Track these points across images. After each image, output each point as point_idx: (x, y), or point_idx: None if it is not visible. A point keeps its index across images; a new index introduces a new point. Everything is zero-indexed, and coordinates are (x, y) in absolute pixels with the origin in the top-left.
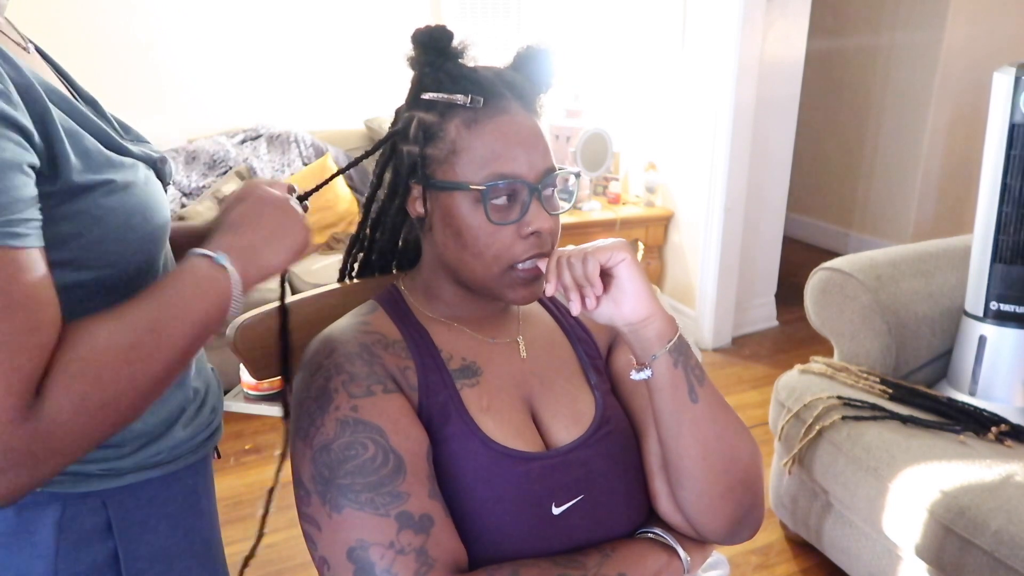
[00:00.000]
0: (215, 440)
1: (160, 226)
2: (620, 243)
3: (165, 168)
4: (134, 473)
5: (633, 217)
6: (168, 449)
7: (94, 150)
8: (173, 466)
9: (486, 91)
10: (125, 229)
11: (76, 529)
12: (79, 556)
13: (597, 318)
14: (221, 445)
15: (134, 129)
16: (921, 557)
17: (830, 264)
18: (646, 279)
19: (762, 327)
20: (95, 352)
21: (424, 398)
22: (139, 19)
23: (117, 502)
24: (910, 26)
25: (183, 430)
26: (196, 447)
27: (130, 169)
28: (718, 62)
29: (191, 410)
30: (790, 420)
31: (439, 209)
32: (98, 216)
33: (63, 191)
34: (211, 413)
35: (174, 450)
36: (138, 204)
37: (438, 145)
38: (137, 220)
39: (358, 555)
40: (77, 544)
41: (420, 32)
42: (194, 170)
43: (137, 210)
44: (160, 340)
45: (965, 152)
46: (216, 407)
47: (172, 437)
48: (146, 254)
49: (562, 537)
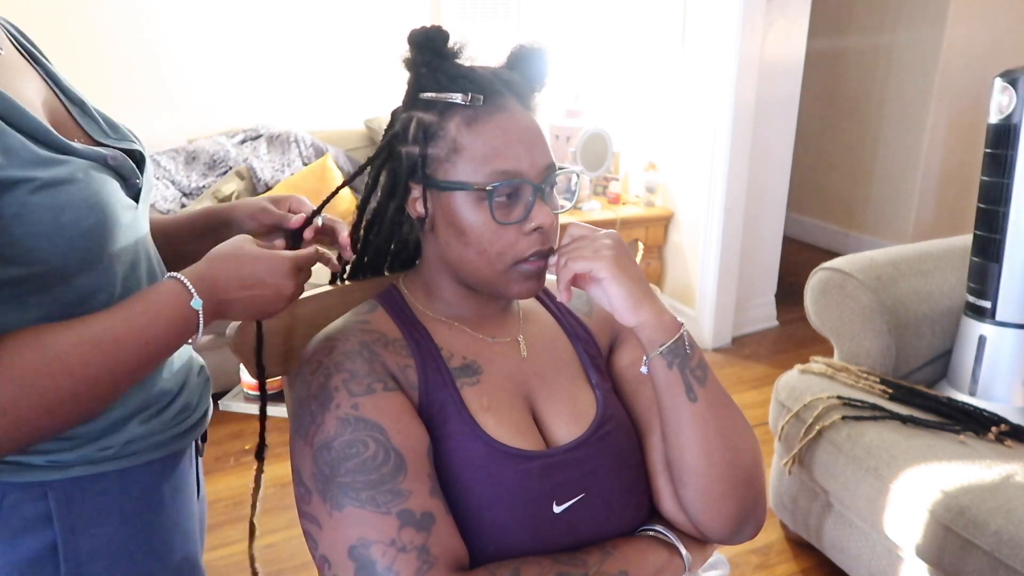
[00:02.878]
0: (186, 439)
1: (99, 223)
2: (606, 255)
3: (122, 166)
4: (82, 466)
5: (633, 217)
6: (120, 444)
7: (19, 147)
8: (127, 462)
9: (484, 89)
10: (53, 226)
11: (15, 517)
12: (16, 543)
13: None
14: (221, 445)
15: (123, 127)
16: (921, 557)
17: (830, 264)
18: (633, 289)
19: (762, 327)
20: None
21: (424, 396)
22: (141, 19)
23: (61, 493)
24: (910, 26)
25: (140, 426)
26: (158, 444)
27: (64, 166)
28: (718, 62)
29: (153, 408)
30: (790, 420)
31: (441, 208)
32: (20, 213)
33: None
34: (181, 412)
35: (128, 446)
36: (70, 202)
37: (438, 144)
38: (67, 218)
39: (359, 553)
40: (15, 532)
41: (416, 33)
42: (194, 170)
43: (68, 207)
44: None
45: (965, 152)
46: (190, 405)
47: (126, 432)
48: (84, 252)
49: (563, 535)
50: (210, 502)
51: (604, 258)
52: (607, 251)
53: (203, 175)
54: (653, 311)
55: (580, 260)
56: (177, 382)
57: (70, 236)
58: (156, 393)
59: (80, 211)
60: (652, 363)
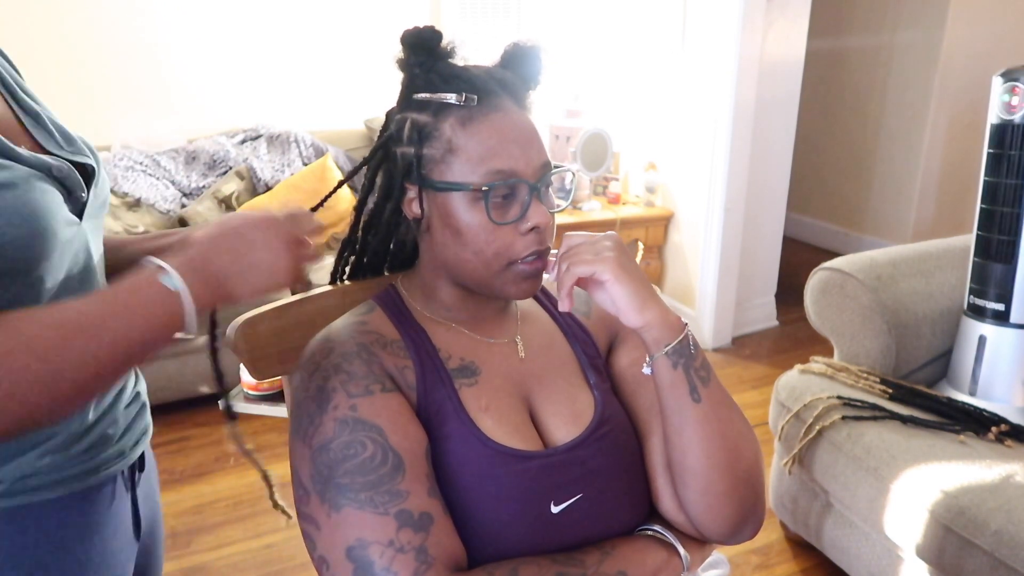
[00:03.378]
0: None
1: (32, 234)
2: (608, 256)
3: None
4: None
5: (633, 217)
6: (11, 480)
7: None
8: (22, 499)
9: (479, 89)
10: None
11: None
12: None
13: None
14: (221, 445)
15: (80, 140)
16: (921, 557)
17: (830, 264)
18: (638, 290)
19: (762, 327)
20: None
21: (422, 397)
22: (141, 19)
23: None
24: (910, 26)
25: (38, 460)
26: (61, 481)
27: (3, 171)
28: (718, 62)
29: (58, 439)
30: (790, 420)
31: (437, 209)
32: None
33: None
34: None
35: (22, 481)
36: (4, 208)
37: (433, 145)
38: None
39: (357, 554)
40: None
41: (408, 34)
42: (194, 170)
43: (1, 214)
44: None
45: (965, 152)
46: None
47: (19, 466)
48: (10, 262)
49: (561, 535)
50: (210, 502)
51: (606, 260)
52: (609, 252)
53: (203, 175)
54: (658, 311)
55: (582, 264)
56: (95, 412)
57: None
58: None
59: (12, 219)
60: (656, 363)
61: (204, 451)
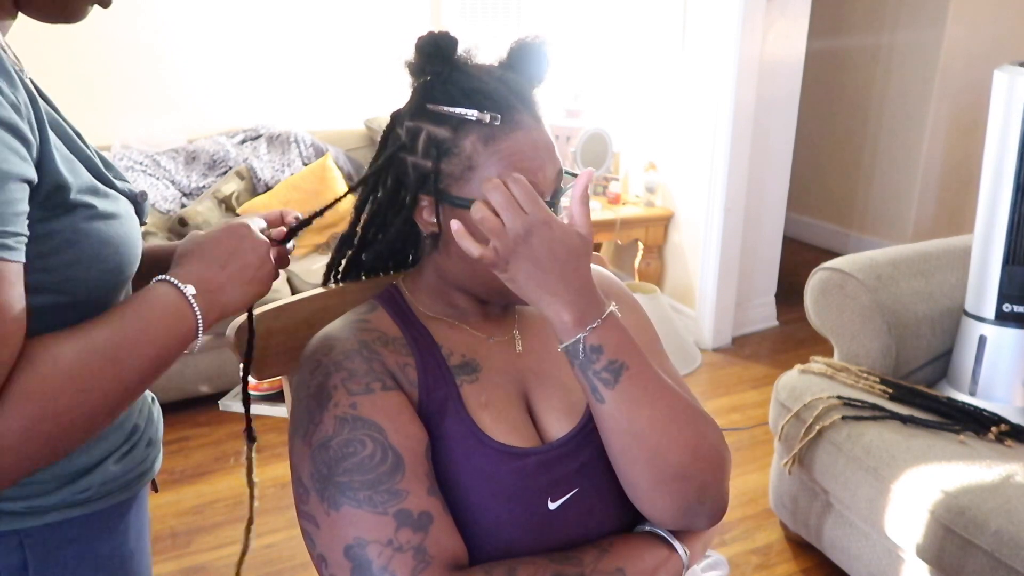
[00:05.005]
0: (149, 476)
1: (128, 263)
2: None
3: (144, 205)
4: (58, 511)
5: (633, 217)
6: (97, 485)
7: (82, 173)
8: (100, 504)
9: (500, 106)
10: (93, 259)
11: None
12: None
13: None
14: (221, 445)
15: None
16: (921, 557)
17: (830, 264)
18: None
19: (762, 327)
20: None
21: (424, 395)
22: (141, 20)
23: (37, 541)
24: (910, 26)
25: (115, 466)
26: (128, 483)
27: (112, 200)
28: (718, 62)
29: (127, 445)
30: (790, 420)
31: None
32: (72, 240)
33: (47, 209)
34: (147, 448)
35: (103, 487)
36: (113, 237)
37: (452, 161)
38: (108, 252)
39: (356, 553)
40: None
41: (424, 40)
42: (194, 170)
43: (111, 242)
44: (120, 370)
45: (965, 152)
46: (153, 440)
47: (103, 472)
48: (106, 288)
49: (559, 531)
50: (210, 502)
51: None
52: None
53: (203, 175)
54: (553, 310)
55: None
56: (143, 416)
57: (103, 270)
58: (129, 428)
59: (118, 248)
60: None
61: (204, 451)
